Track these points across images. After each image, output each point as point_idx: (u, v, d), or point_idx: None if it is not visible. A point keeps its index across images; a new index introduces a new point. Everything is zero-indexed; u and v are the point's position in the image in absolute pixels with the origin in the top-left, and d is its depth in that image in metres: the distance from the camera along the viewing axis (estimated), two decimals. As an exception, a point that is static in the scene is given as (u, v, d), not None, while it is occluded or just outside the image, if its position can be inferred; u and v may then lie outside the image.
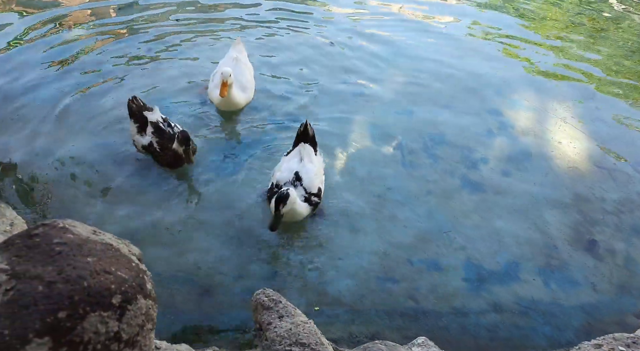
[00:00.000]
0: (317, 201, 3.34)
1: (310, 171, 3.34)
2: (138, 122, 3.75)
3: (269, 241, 3.27)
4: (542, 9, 7.71)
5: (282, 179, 3.31)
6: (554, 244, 3.45)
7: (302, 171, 3.33)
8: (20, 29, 5.55)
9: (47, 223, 1.39)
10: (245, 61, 4.66)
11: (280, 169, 3.39)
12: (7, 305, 1.13)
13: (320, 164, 3.52)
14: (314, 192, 3.30)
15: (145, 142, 3.72)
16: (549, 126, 4.69)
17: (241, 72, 4.47)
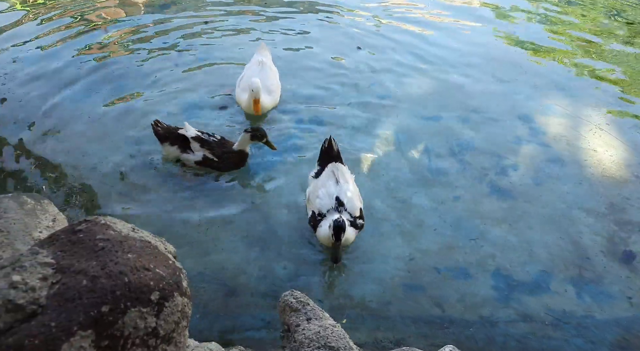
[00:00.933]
0: (362, 222, 3.20)
1: (349, 192, 3.18)
2: (176, 143, 3.69)
3: (293, 244, 3.28)
4: (571, 13, 7.50)
5: (323, 207, 3.14)
6: (587, 255, 3.33)
7: (342, 195, 3.17)
8: (52, 30, 5.78)
9: (89, 219, 1.44)
10: (270, 64, 4.69)
11: (318, 195, 3.19)
12: (54, 297, 1.17)
13: (353, 180, 3.38)
14: (357, 215, 3.17)
15: (198, 157, 3.69)
16: (582, 132, 4.55)
17: (267, 76, 4.51)
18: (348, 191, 3.19)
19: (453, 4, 7.48)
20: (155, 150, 3.99)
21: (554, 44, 6.35)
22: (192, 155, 3.71)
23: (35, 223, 1.59)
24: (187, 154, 3.72)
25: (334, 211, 3.11)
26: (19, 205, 1.61)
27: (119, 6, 6.68)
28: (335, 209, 3.12)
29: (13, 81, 4.84)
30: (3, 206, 1.56)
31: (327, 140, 3.42)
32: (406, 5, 7.38)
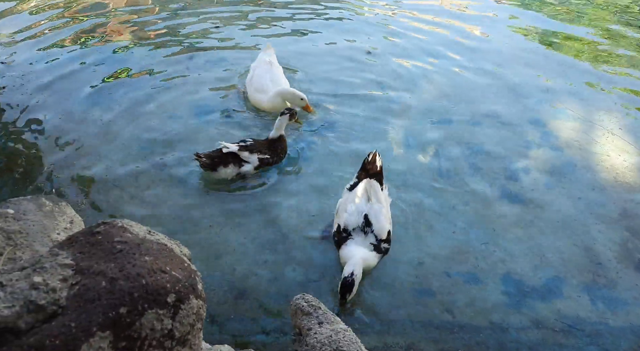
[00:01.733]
0: (387, 247, 3.03)
1: (379, 213, 3.01)
2: (229, 163, 3.67)
3: (303, 247, 3.29)
4: (585, 13, 7.44)
5: (350, 223, 3.00)
6: (601, 262, 3.29)
7: (371, 214, 3.00)
8: (68, 35, 5.88)
9: (107, 222, 1.46)
10: (276, 64, 4.79)
11: (347, 210, 3.06)
12: (74, 298, 1.20)
13: (387, 201, 3.21)
14: (384, 238, 3.00)
15: (255, 163, 3.75)
16: (595, 137, 4.50)
17: (278, 76, 4.60)
18: (378, 212, 3.02)
19: (467, 8, 7.46)
20: (166, 152, 4.03)
21: (567, 46, 6.30)
22: (249, 164, 3.75)
23: (54, 225, 1.62)
24: (244, 166, 3.74)
25: (359, 231, 2.97)
26: (37, 207, 1.64)
27: (132, 12, 6.77)
28: (361, 229, 2.97)
29: (29, 83, 4.93)
30: (22, 208, 1.59)
31: (371, 154, 3.27)
32: (416, 4, 7.38)
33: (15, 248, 1.43)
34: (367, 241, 2.97)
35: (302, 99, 4.33)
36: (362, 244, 2.94)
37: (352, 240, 2.97)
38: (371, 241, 2.97)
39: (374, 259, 2.97)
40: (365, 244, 2.95)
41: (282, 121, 3.86)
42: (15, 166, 3.84)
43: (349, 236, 2.98)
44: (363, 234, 2.98)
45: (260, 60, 4.74)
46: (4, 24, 6.20)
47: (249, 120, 4.53)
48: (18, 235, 1.46)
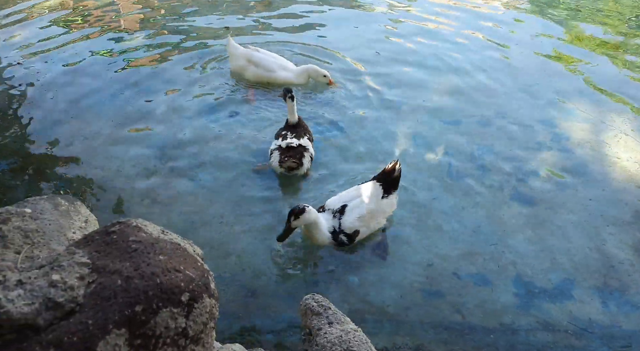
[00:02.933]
0: (345, 241, 3.15)
1: (356, 211, 3.13)
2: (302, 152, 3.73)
3: (313, 247, 3.30)
4: (597, 12, 7.36)
5: (330, 204, 3.22)
6: (612, 264, 3.26)
7: (349, 207, 3.14)
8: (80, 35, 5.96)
9: (122, 221, 1.48)
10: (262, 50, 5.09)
11: (340, 195, 3.27)
12: (90, 296, 1.22)
13: (376, 208, 3.19)
14: (346, 232, 3.13)
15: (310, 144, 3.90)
16: (606, 138, 4.45)
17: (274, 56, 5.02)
18: (355, 210, 3.12)
19: (477, 10, 7.42)
20: (177, 152, 4.07)
21: (576, 47, 6.25)
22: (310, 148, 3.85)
23: (69, 224, 1.65)
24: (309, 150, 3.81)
25: (331, 213, 3.17)
26: (53, 206, 1.67)
27: (141, 12, 6.84)
28: (333, 212, 3.16)
29: (42, 84, 5.00)
30: (39, 207, 1.62)
31: (393, 162, 3.28)
32: (423, 6, 7.36)
33: (32, 246, 1.46)
34: (330, 222, 3.14)
35: (324, 75, 4.84)
36: (325, 220, 3.13)
37: (322, 213, 3.18)
38: (334, 224, 3.13)
39: (323, 238, 3.13)
40: (328, 223, 3.13)
41: (291, 105, 3.93)
42: (30, 165, 3.90)
43: (323, 210, 3.22)
44: (332, 216, 3.16)
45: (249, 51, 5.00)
46: (17, 26, 6.30)
47: (252, 118, 4.55)
48: (35, 234, 1.49)
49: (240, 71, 5.07)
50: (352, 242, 3.21)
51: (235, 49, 5.01)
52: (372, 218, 3.21)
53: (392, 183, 3.27)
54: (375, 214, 3.22)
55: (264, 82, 5.02)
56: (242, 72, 5.06)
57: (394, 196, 3.33)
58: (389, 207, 3.32)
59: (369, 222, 3.21)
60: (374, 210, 3.20)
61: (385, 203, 3.26)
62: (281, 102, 4.39)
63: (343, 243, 3.17)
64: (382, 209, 3.25)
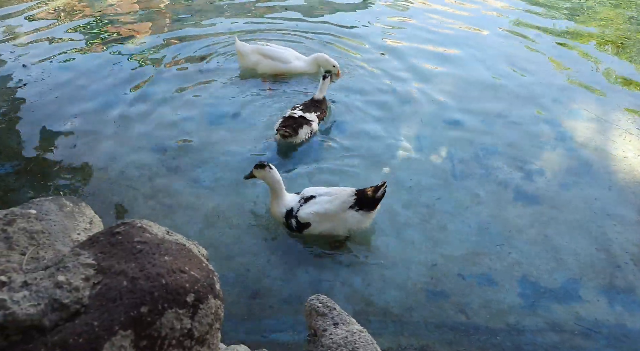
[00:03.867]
0: (293, 227, 3.26)
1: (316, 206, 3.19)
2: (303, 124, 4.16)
3: (316, 248, 3.29)
4: (597, 12, 7.32)
5: (306, 192, 3.35)
6: (618, 263, 3.23)
7: (315, 200, 3.23)
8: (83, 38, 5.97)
9: (127, 222, 1.48)
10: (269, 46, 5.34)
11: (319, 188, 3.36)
12: (96, 297, 1.21)
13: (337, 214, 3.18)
14: (298, 219, 3.22)
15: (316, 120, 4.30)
16: (611, 137, 4.43)
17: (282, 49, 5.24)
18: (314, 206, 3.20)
19: (476, 8, 7.41)
20: (180, 154, 4.07)
21: (581, 45, 6.22)
22: (314, 122, 4.26)
23: (74, 225, 1.65)
24: (312, 124, 4.24)
25: (299, 197, 3.32)
26: (58, 207, 1.67)
27: (145, 16, 6.85)
28: (300, 198, 3.31)
29: (46, 86, 5.02)
30: (44, 208, 1.62)
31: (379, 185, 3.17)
32: (424, 7, 7.35)
33: (37, 247, 1.46)
34: (292, 204, 3.29)
35: (334, 65, 5.01)
36: (291, 200, 3.32)
37: (293, 194, 3.39)
38: (293, 207, 3.27)
39: (277, 211, 3.32)
40: (291, 203, 3.30)
41: (324, 84, 4.43)
42: (34, 167, 3.91)
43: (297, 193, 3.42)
44: (298, 200, 3.31)
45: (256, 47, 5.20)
46: (19, 27, 6.33)
47: (256, 118, 4.55)
48: (41, 235, 1.49)
49: (253, 66, 5.19)
50: (300, 231, 3.27)
51: (243, 46, 5.11)
52: (327, 221, 3.20)
53: (367, 202, 3.18)
54: (333, 218, 3.19)
55: (280, 73, 5.20)
56: (255, 67, 5.18)
57: (366, 214, 3.21)
58: (355, 221, 3.21)
59: (323, 222, 3.21)
60: (333, 215, 3.17)
61: (351, 215, 3.19)
62: (290, 98, 4.43)
63: (291, 226, 3.29)
64: (344, 218, 3.20)
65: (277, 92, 4.98)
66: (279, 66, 5.18)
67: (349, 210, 3.18)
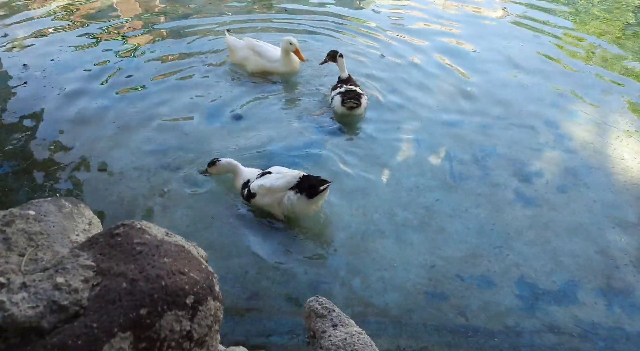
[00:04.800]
0: (244, 195, 3.54)
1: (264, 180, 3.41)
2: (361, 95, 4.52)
3: (314, 249, 3.29)
4: (595, 14, 7.35)
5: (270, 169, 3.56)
6: (617, 266, 3.24)
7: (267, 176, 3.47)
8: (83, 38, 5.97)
9: (126, 223, 1.48)
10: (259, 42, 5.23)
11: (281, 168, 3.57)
12: (95, 299, 1.21)
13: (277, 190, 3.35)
14: (249, 188, 3.48)
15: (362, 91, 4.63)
16: (610, 139, 4.44)
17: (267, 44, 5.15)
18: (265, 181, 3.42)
19: (474, 9, 7.42)
20: (179, 155, 4.07)
21: (578, 47, 6.24)
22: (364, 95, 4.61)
23: (73, 226, 1.64)
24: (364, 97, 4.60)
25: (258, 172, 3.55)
26: (57, 208, 1.66)
27: (142, 17, 6.85)
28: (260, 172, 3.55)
29: (47, 81, 5.01)
30: (43, 209, 1.61)
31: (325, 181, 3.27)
32: (423, 7, 7.37)
33: (36, 248, 1.46)
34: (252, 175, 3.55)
35: (290, 43, 4.85)
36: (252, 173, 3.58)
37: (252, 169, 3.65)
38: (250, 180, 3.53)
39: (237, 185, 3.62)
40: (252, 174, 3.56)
41: (340, 63, 4.67)
42: (33, 168, 3.90)
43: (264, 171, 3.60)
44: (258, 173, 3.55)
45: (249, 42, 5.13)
46: (21, 28, 6.32)
47: (255, 118, 4.55)
48: (39, 236, 1.48)
49: (242, 62, 5.12)
50: (247, 200, 3.54)
51: (235, 41, 5.08)
52: (270, 195, 3.40)
53: (308, 188, 3.28)
54: (274, 194, 3.38)
55: (265, 71, 5.10)
56: (245, 63, 5.11)
57: (302, 200, 3.29)
58: (291, 202, 3.33)
59: (265, 196, 3.42)
60: (275, 190, 3.37)
61: (289, 194, 3.33)
62: (286, 100, 4.40)
63: (242, 195, 3.57)
64: (281, 196, 3.36)
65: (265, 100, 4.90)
66: (265, 64, 5.08)
67: (289, 190, 3.34)
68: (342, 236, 3.37)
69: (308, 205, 3.32)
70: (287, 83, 5.15)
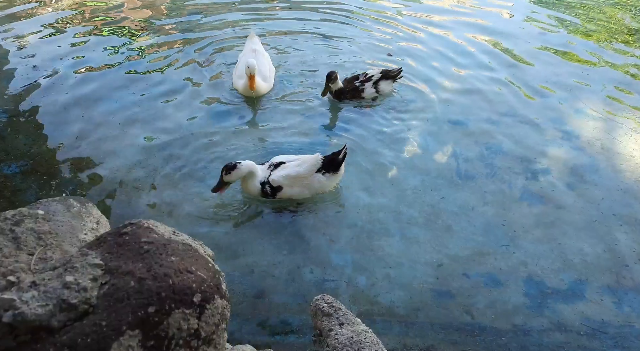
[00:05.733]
0: (268, 192, 3.47)
1: (287, 170, 3.42)
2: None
3: (320, 247, 3.29)
4: (602, 13, 7.27)
5: (273, 160, 3.58)
6: (626, 263, 3.21)
7: (284, 165, 3.46)
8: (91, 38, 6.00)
9: (134, 222, 1.49)
10: (262, 51, 4.97)
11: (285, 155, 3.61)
12: (104, 297, 1.22)
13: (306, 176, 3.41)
14: (271, 184, 3.42)
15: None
16: (618, 137, 4.40)
17: (261, 62, 4.80)
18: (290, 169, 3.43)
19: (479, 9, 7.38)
20: (184, 153, 4.08)
21: (587, 43, 6.17)
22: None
23: (81, 225, 1.65)
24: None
25: (267, 166, 3.51)
26: (65, 208, 1.68)
27: (148, 18, 6.88)
28: (269, 166, 3.52)
29: (55, 81, 5.04)
30: (52, 208, 1.63)
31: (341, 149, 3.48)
32: (431, 5, 7.33)
33: (45, 248, 1.47)
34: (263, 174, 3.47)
35: (247, 67, 4.45)
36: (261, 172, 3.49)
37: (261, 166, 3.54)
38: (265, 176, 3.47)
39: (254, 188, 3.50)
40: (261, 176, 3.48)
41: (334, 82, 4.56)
42: (40, 167, 3.94)
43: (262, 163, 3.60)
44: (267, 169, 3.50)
45: (246, 49, 4.96)
46: (29, 28, 6.37)
47: (260, 120, 4.55)
48: (48, 235, 1.50)
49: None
50: (274, 196, 3.48)
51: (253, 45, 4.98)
52: (298, 182, 3.43)
53: (332, 163, 3.46)
54: (302, 180, 3.43)
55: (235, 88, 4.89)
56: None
57: (331, 177, 3.50)
58: (319, 183, 3.48)
59: (293, 184, 3.43)
60: (303, 176, 3.41)
61: (318, 177, 3.46)
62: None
63: (267, 194, 3.47)
64: (311, 180, 3.45)
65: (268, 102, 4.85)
66: (234, 79, 4.86)
67: (316, 173, 3.44)
68: (347, 234, 3.37)
69: (337, 179, 3.55)
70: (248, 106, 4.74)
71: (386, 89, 4.76)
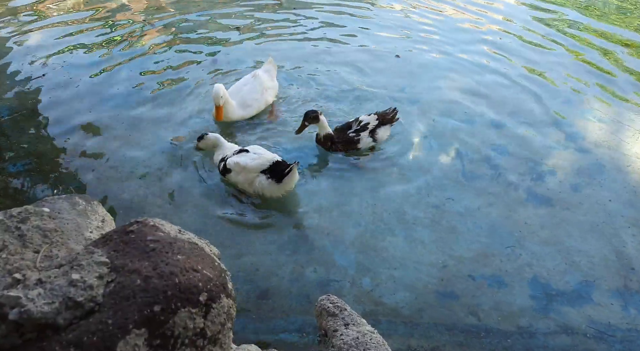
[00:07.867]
0: (220, 169, 3.70)
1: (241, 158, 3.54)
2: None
3: (324, 247, 3.28)
4: (610, 10, 7.23)
5: (250, 147, 3.69)
6: (633, 266, 3.19)
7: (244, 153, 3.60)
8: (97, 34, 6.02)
9: (140, 220, 1.48)
10: (264, 79, 4.53)
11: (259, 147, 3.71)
12: (110, 295, 1.21)
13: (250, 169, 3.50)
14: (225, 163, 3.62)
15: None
16: (625, 138, 4.37)
17: (253, 89, 4.43)
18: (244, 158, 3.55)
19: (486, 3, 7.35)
20: (189, 154, 4.08)
21: (595, 42, 6.14)
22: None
23: (87, 223, 1.65)
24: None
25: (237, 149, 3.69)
26: (71, 206, 1.67)
27: (155, 15, 6.88)
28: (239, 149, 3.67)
29: (60, 80, 5.05)
30: (57, 206, 1.63)
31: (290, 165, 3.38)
32: (432, 3, 7.31)
33: (51, 245, 1.46)
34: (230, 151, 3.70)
35: (213, 97, 4.13)
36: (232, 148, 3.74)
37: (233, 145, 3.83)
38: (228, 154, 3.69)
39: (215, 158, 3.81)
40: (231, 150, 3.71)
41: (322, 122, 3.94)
42: (45, 166, 3.94)
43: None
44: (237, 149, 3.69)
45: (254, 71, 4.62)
46: (33, 25, 6.39)
47: (266, 123, 4.54)
48: (54, 233, 1.49)
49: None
50: (222, 175, 3.70)
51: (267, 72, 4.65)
52: (243, 174, 3.55)
53: (277, 173, 3.47)
54: (247, 174, 3.54)
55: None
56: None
57: (273, 184, 3.47)
58: (260, 185, 3.51)
59: (240, 173, 3.57)
60: (249, 170, 3.52)
61: (261, 177, 3.50)
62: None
63: (219, 168, 3.73)
64: (254, 177, 3.53)
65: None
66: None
67: (261, 174, 3.50)
68: (351, 234, 3.36)
69: (278, 188, 3.51)
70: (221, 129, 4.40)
71: (384, 135, 4.13)
